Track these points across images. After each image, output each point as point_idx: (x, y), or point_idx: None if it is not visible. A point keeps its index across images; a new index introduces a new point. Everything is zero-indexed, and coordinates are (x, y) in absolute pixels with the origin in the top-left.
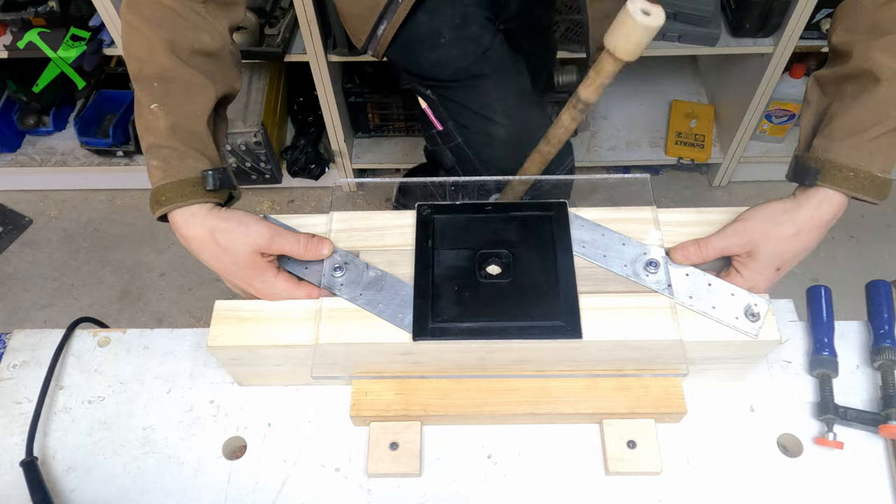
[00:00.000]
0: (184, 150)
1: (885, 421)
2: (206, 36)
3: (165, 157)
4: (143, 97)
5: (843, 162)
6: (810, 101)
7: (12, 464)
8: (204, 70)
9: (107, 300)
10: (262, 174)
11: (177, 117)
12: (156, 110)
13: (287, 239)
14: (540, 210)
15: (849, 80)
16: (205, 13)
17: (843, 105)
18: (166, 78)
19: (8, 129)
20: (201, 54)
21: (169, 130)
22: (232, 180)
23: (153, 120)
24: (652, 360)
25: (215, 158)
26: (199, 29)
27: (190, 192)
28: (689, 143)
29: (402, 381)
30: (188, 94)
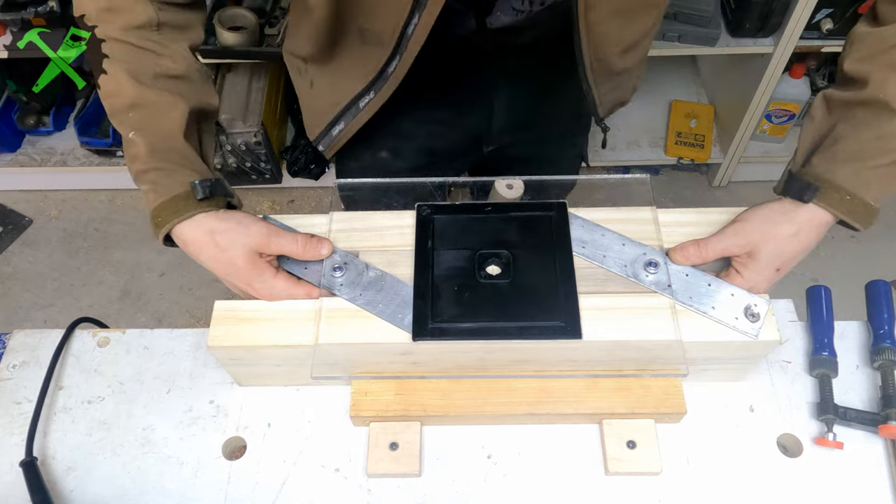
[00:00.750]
0: (168, 167)
1: (884, 421)
2: (166, 61)
3: (153, 179)
4: (122, 129)
5: (842, 184)
6: (814, 117)
7: (12, 464)
8: (171, 90)
9: (107, 300)
10: (262, 174)
11: (153, 137)
12: (133, 138)
13: (286, 239)
14: (540, 210)
15: (861, 106)
16: (160, 40)
17: (852, 128)
18: (136, 105)
19: (8, 129)
20: (166, 77)
21: (149, 153)
22: (226, 188)
23: (134, 148)
24: (652, 361)
25: (202, 170)
26: (158, 55)
27: (183, 206)
28: (689, 143)
29: (402, 382)
30: (159, 114)
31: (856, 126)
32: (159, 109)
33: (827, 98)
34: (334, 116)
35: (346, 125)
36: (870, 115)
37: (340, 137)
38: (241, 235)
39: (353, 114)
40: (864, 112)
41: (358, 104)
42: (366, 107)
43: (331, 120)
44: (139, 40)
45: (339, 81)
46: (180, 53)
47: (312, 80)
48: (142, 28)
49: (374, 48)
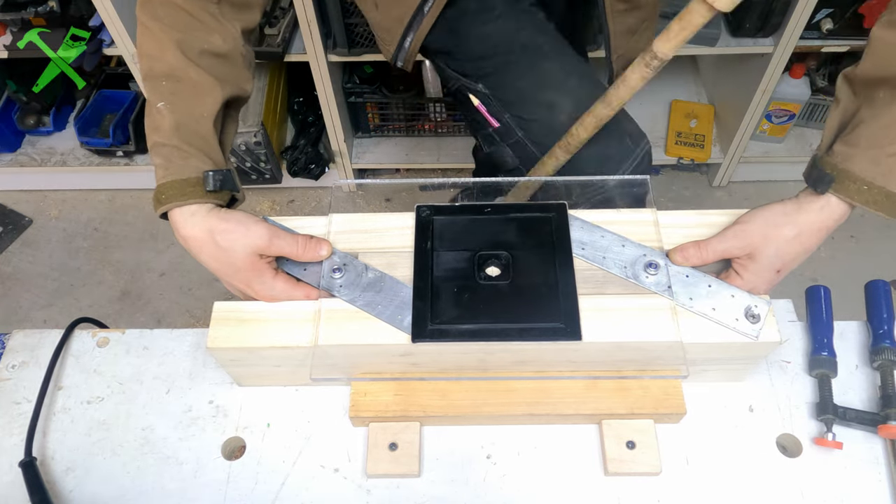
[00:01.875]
0: (187, 149)
1: (884, 421)
2: (217, 37)
3: (168, 155)
4: (152, 95)
5: (859, 174)
6: (840, 99)
7: (11, 464)
8: (213, 71)
9: (106, 300)
10: (262, 174)
11: (182, 116)
12: (162, 109)
13: (285, 240)
14: (539, 211)
15: (882, 85)
16: (217, 14)
17: (872, 112)
18: (174, 77)
19: (8, 129)
20: (211, 55)
21: (173, 129)
22: (235, 182)
23: (159, 118)
24: (652, 362)
25: (219, 160)
26: (210, 30)
27: (190, 191)
28: (689, 143)
29: (402, 382)
30: (195, 95)
31: (877, 109)
32: (195, 90)
33: (848, 78)
34: (404, 28)
35: (414, 34)
36: (890, 95)
37: (413, 48)
38: (241, 236)
39: (419, 21)
40: (886, 92)
41: (423, 9)
42: (430, 9)
43: (402, 32)
44: (196, 9)
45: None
46: (231, 33)
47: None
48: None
49: None
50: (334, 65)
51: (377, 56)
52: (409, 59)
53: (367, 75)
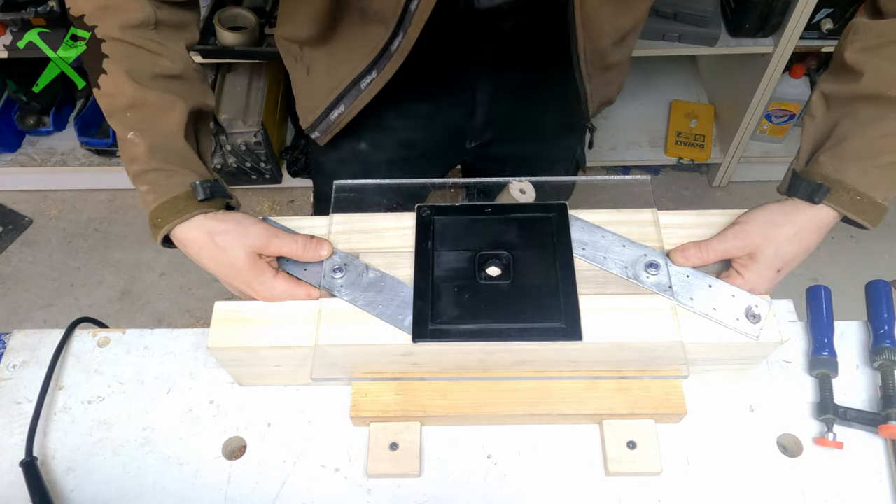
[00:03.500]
0: (168, 168)
1: (884, 421)
2: (164, 60)
3: (152, 180)
4: (120, 129)
5: (852, 185)
6: (814, 115)
7: (12, 464)
8: (170, 91)
9: (107, 300)
10: (262, 174)
11: (153, 138)
12: (133, 138)
13: (285, 240)
14: (540, 212)
15: (863, 102)
16: (158, 38)
17: (858, 126)
18: (135, 105)
19: (8, 129)
20: (164, 78)
21: (149, 153)
22: (225, 190)
23: (133, 148)
24: (652, 362)
25: (201, 170)
26: (155, 55)
27: (183, 206)
28: (689, 143)
29: (402, 382)
30: (159, 115)
31: (861, 123)
32: (159, 110)
33: (826, 95)
34: (334, 99)
35: (347, 108)
36: (874, 111)
37: (340, 121)
38: (240, 237)
39: (354, 95)
40: (868, 108)
41: (359, 85)
42: (367, 87)
43: (330, 104)
44: (137, 39)
45: (338, 64)
46: (178, 53)
47: (309, 67)
48: (139, 27)
49: (376, 26)
50: None
51: None
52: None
53: None
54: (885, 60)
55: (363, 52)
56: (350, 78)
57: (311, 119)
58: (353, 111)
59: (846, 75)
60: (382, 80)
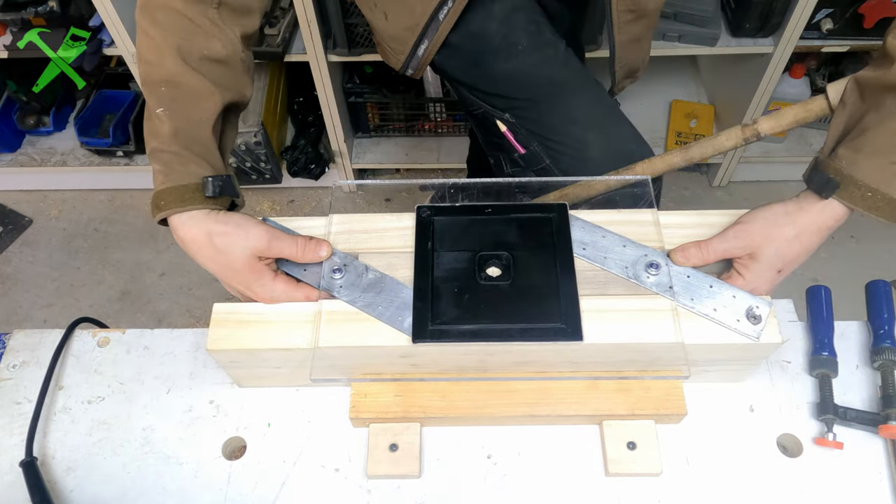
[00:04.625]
0: (186, 155)
1: (884, 421)
2: (216, 42)
3: (167, 161)
4: (151, 101)
5: (863, 180)
6: (846, 103)
7: (12, 464)
8: (212, 76)
9: (107, 300)
10: (262, 174)
11: (181, 122)
12: (161, 115)
13: (285, 242)
14: (540, 212)
15: (890, 92)
16: (217, 19)
17: (879, 118)
18: (173, 83)
19: (8, 129)
20: (210, 61)
21: (172, 135)
22: (235, 188)
23: (158, 124)
24: (653, 363)
25: (218, 165)
26: (209, 35)
27: (189, 197)
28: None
29: (402, 383)
30: (194, 100)
31: (883, 116)
32: (194, 95)
33: (859, 81)
34: (417, 37)
35: (430, 42)
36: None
37: (426, 56)
38: (239, 238)
39: (434, 28)
40: (893, 100)
41: (437, 17)
42: (445, 17)
43: (415, 41)
44: (196, 15)
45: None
46: (230, 38)
47: (386, 12)
48: (202, 2)
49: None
50: (334, 65)
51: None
52: (421, 69)
53: (368, 75)
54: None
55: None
56: (428, 12)
57: (400, 60)
58: (437, 43)
59: (883, 63)
60: (458, 7)
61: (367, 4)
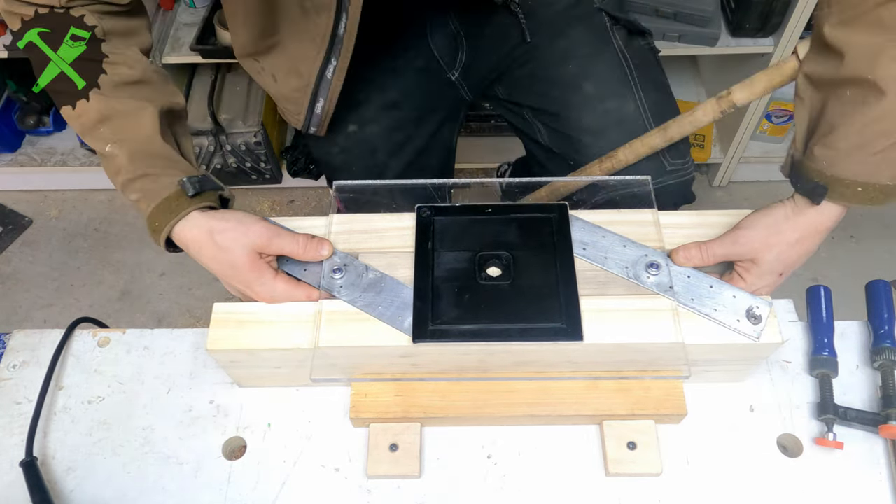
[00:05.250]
0: (153, 172)
1: (885, 421)
2: (122, 68)
3: (140, 187)
4: (98, 145)
5: (851, 178)
6: (803, 97)
7: (12, 464)
8: (135, 96)
9: (107, 300)
10: (262, 174)
11: (131, 145)
12: (112, 150)
13: (286, 239)
14: (540, 212)
15: (847, 85)
16: (110, 50)
17: (844, 112)
18: (105, 117)
19: (8, 129)
20: (125, 85)
21: (130, 161)
22: (215, 182)
23: (114, 160)
24: (653, 363)
25: (186, 167)
26: (112, 64)
27: (176, 205)
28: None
29: (402, 383)
30: (131, 121)
31: (847, 110)
32: (129, 116)
33: (810, 77)
34: (311, 96)
35: (325, 99)
36: (859, 95)
37: (327, 112)
38: (241, 235)
39: (325, 86)
40: (854, 91)
41: (325, 76)
42: (334, 76)
43: (310, 100)
44: (91, 55)
45: (298, 63)
46: (133, 58)
47: (274, 74)
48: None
49: (318, 16)
50: None
51: None
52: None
53: None
54: (864, 35)
55: (314, 44)
56: (315, 72)
57: (301, 119)
58: (333, 100)
59: (828, 56)
60: (343, 64)
61: (255, 69)
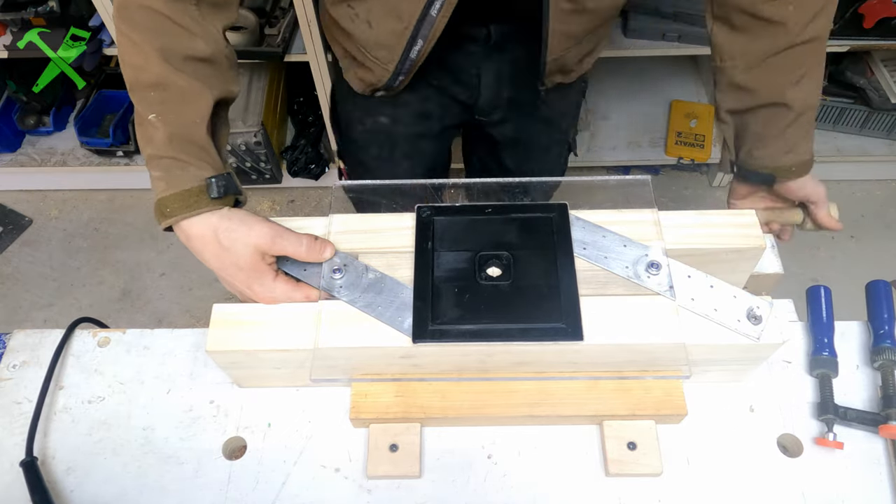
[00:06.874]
0: (184, 159)
1: (885, 421)
2: (199, 42)
3: (167, 167)
4: (141, 106)
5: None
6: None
7: (12, 464)
8: (199, 76)
9: (107, 300)
10: (262, 174)
11: (175, 126)
12: (153, 120)
13: (289, 240)
14: (540, 212)
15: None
16: (198, 16)
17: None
18: (161, 86)
19: (8, 129)
20: (195, 60)
21: (167, 140)
22: (237, 185)
23: (152, 130)
24: (653, 363)
25: (217, 164)
26: (192, 34)
27: (195, 201)
28: (689, 143)
29: (402, 384)
30: (184, 102)
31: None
32: (184, 97)
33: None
34: (410, 35)
35: (425, 41)
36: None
37: (420, 56)
38: (243, 235)
39: (428, 25)
40: (767, 111)
41: (430, 13)
42: (440, 12)
43: (407, 41)
44: (176, 13)
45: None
46: (213, 34)
47: (369, 20)
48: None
49: None
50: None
51: None
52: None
53: None
54: (769, 74)
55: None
56: (419, 10)
57: (389, 69)
58: (431, 42)
59: (744, 93)
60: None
61: (348, 16)
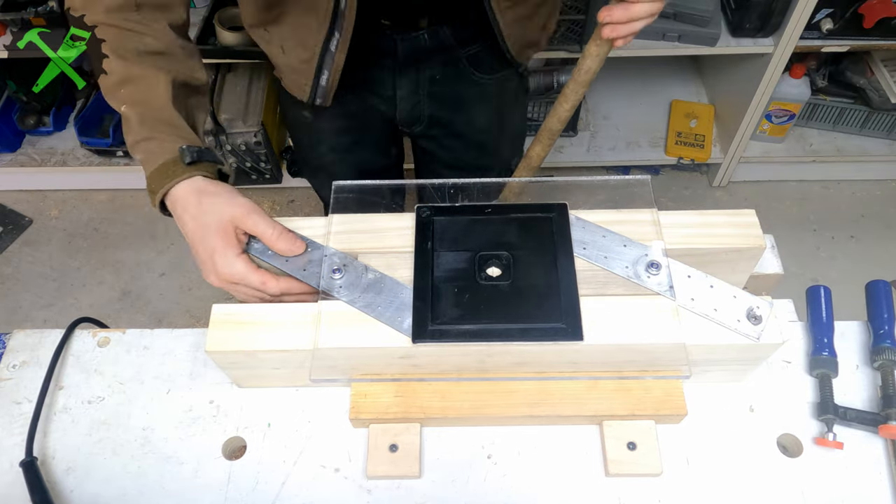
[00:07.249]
0: (158, 135)
1: (884, 421)
2: (148, 38)
3: (145, 148)
4: (116, 105)
5: None
6: None
7: (12, 464)
8: (155, 65)
9: (107, 300)
10: (262, 174)
11: (142, 108)
12: (126, 111)
13: (265, 221)
14: (540, 212)
15: None
16: (141, 20)
17: None
18: (124, 80)
19: (8, 129)
20: (148, 54)
21: (140, 123)
22: (215, 156)
23: (127, 121)
24: (653, 363)
25: (192, 138)
26: (139, 34)
27: (172, 171)
28: (689, 143)
29: (402, 384)
30: (147, 87)
31: None
32: (145, 82)
33: None
34: (316, 66)
35: (330, 72)
36: None
37: (330, 85)
38: (224, 202)
39: (330, 59)
40: None
41: (329, 48)
42: (337, 49)
43: (315, 72)
44: (121, 21)
45: (305, 35)
46: (161, 31)
47: (283, 46)
48: (122, 9)
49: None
50: None
51: None
52: (327, 98)
53: None
54: None
55: (318, 17)
56: (320, 43)
57: (306, 91)
58: (336, 74)
59: None
60: (345, 39)
61: (264, 39)
